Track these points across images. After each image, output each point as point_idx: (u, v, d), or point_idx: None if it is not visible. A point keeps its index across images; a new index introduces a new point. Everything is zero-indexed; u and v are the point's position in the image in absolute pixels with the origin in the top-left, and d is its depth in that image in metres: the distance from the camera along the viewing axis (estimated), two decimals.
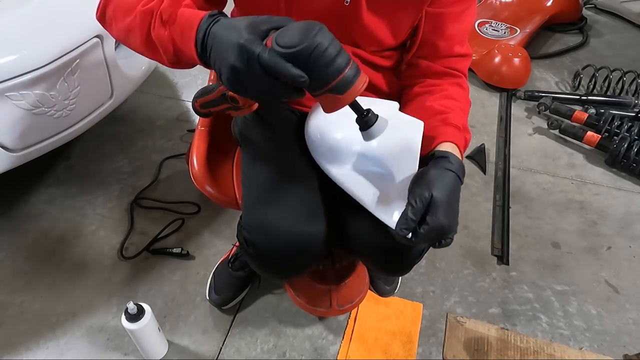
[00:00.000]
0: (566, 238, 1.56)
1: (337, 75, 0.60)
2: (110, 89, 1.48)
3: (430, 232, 0.68)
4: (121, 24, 0.75)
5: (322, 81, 0.60)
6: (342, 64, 0.60)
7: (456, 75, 0.92)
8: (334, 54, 0.58)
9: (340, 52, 0.59)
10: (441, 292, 1.39)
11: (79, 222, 1.54)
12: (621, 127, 1.87)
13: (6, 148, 1.26)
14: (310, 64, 0.58)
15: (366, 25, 0.84)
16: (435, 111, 0.84)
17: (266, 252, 0.86)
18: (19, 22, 1.23)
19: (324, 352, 1.24)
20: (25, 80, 1.18)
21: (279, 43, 0.57)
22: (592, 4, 2.98)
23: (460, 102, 0.88)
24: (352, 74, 0.61)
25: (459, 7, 0.86)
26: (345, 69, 0.60)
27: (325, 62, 0.58)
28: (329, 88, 0.61)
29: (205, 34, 0.62)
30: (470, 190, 1.72)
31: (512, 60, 2.21)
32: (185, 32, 0.65)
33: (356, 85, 0.61)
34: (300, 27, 0.58)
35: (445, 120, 0.82)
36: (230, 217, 1.56)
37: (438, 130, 0.81)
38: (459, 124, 0.83)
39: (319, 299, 1.13)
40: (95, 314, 1.30)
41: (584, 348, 1.27)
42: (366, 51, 0.90)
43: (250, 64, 0.57)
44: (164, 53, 0.70)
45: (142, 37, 0.71)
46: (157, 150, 1.81)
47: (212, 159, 1.08)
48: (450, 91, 0.89)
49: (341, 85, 0.61)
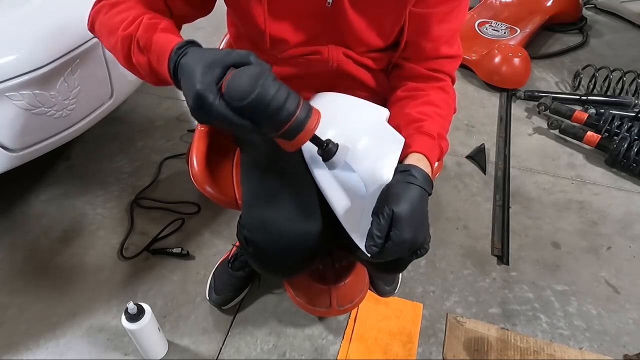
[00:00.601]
0: (566, 238, 1.56)
1: (287, 120, 0.61)
2: (110, 89, 1.48)
3: (395, 247, 0.68)
4: (106, 42, 0.78)
5: (274, 128, 0.63)
6: (291, 109, 0.61)
7: (440, 79, 0.89)
8: (282, 102, 0.60)
9: (288, 98, 0.61)
10: (441, 292, 1.39)
11: (79, 222, 1.54)
12: (621, 127, 1.87)
13: (6, 148, 1.26)
14: (258, 114, 0.61)
15: (351, 26, 0.83)
16: (412, 119, 0.83)
17: (266, 250, 0.86)
18: (19, 22, 1.23)
19: (324, 352, 1.24)
20: (25, 80, 1.18)
21: (228, 94, 0.60)
22: (592, 4, 2.97)
23: (440, 109, 0.85)
24: (303, 116, 0.62)
25: (447, 6, 0.83)
26: (294, 113, 0.61)
27: (273, 111, 0.60)
28: (281, 133, 0.63)
29: (176, 65, 0.65)
30: (470, 190, 1.72)
31: (512, 60, 2.21)
32: (159, 59, 0.68)
33: (309, 126, 0.63)
34: (248, 76, 0.60)
35: (420, 128, 0.81)
36: (230, 217, 1.56)
37: (410, 139, 0.79)
38: (434, 132, 0.81)
39: (319, 298, 1.13)
40: (95, 314, 1.30)
41: (584, 348, 1.27)
42: (356, 52, 0.88)
43: (206, 110, 0.61)
44: (146, 76, 0.73)
45: (125, 60, 0.75)
46: (157, 150, 1.81)
47: (212, 159, 1.08)
48: (431, 97, 0.86)
49: (293, 129, 0.62)
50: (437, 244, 1.51)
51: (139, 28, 0.71)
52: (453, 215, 1.62)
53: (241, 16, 0.86)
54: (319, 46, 0.87)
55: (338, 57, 0.88)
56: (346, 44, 0.87)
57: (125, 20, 0.73)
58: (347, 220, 0.78)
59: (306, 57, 0.88)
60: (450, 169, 1.80)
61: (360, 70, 0.91)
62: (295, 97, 0.62)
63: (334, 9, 0.81)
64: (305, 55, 0.88)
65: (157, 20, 0.73)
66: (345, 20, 0.82)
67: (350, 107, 0.88)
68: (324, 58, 0.87)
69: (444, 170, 1.79)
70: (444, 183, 1.73)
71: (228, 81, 0.60)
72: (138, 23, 0.72)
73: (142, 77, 0.75)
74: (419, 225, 0.70)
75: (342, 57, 0.88)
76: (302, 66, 0.89)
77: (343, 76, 0.91)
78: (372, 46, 0.88)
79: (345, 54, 0.88)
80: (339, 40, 0.86)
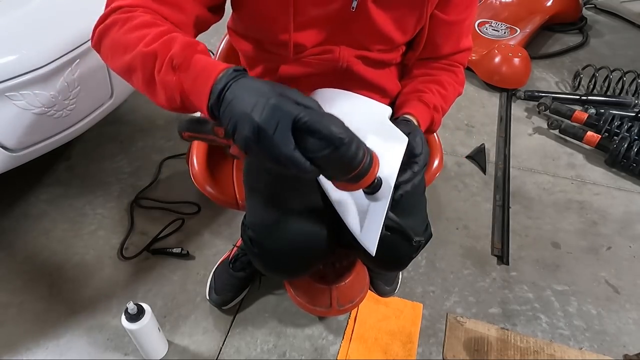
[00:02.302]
0: (566, 238, 1.56)
1: (356, 168, 0.60)
2: (110, 89, 1.47)
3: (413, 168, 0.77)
4: (119, 61, 0.68)
5: (342, 173, 0.61)
6: (360, 157, 0.59)
7: (454, 66, 0.97)
8: (355, 150, 0.57)
9: (359, 148, 0.58)
10: (441, 292, 1.39)
11: (79, 222, 1.54)
12: (621, 127, 1.87)
13: (6, 148, 1.26)
14: (332, 163, 0.58)
15: (376, 24, 0.83)
16: (415, 89, 0.91)
17: (271, 250, 0.86)
18: (19, 22, 1.23)
19: (324, 352, 1.24)
20: (25, 80, 1.18)
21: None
22: (592, 4, 2.98)
23: (444, 89, 0.92)
24: (367, 162, 0.61)
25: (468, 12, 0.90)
26: (362, 160, 0.60)
27: (348, 160, 0.58)
28: (347, 179, 0.61)
29: (225, 87, 0.57)
30: (470, 190, 1.72)
31: (512, 60, 2.21)
32: (199, 79, 0.60)
33: (371, 173, 0.62)
34: (326, 129, 0.55)
35: (419, 97, 0.89)
36: (230, 217, 1.56)
37: (407, 103, 0.89)
38: (431, 103, 0.88)
39: (319, 298, 1.12)
40: (95, 314, 1.30)
41: (584, 348, 1.27)
42: (373, 51, 0.89)
43: (267, 143, 0.53)
44: (168, 98, 0.64)
45: (144, 79, 0.66)
46: (157, 150, 1.81)
47: (212, 159, 1.08)
48: (440, 78, 0.94)
49: (359, 175, 0.61)
50: (437, 244, 1.51)
51: (173, 45, 0.63)
52: (453, 215, 1.62)
53: (261, 26, 0.85)
54: (332, 45, 0.87)
55: (349, 58, 0.88)
56: (364, 45, 0.88)
57: (146, 37, 0.65)
58: (351, 219, 0.79)
59: (317, 57, 0.88)
60: (450, 169, 1.80)
61: (370, 70, 0.92)
62: (362, 143, 0.59)
63: (358, 12, 0.81)
64: (316, 55, 0.88)
65: (194, 40, 0.66)
66: (370, 20, 0.83)
67: (354, 105, 0.88)
68: (335, 57, 0.88)
69: (444, 170, 1.79)
70: (444, 183, 1.73)
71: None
72: (169, 40, 0.64)
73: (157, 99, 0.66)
74: (426, 150, 0.80)
75: (352, 58, 0.88)
76: (312, 66, 0.89)
77: (351, 77, 0.91)
78: (395, 43, 0.89)
79: (357, 55, 0.88)
80: (352, 41, 0.87)
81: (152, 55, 0.63)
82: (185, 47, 0.63)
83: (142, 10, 0.69)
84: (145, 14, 0.68)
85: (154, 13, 0.70)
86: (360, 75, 0.91)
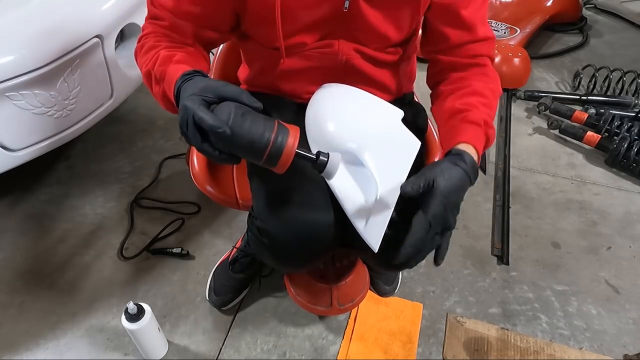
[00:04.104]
0: (566, 238, 1.56)
1: (265, 149, 0.64)
2: (110, 89, 1.47)
3: (421, 221, 0.71)
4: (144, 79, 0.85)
5: (255, 158, 0.66)
6: (265, 139, 0.64)
7: (481, 64, 0.90)
8: (254, 137, 0.64)
9: (263, 130, 0.64)
10: (441, 292, 1.39)
11: (79, 222, 1.54)
12: (621, 127, 1.87)
13: (6, 148, 1.26)
14: (238, 152, 0.66)
15: (370, 23, 0.85)
16: (455, 110, 0.84)
17: (281, 239, 0.85)
18: (19, 22, 1.23)
19: (324, 352, 1.24)
20: (25, 80, 1.18)
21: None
22: (592, 4, 2.98)
23: (485, 98, 0.86)
24: (279, 140, 0.65)
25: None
26: (269, 141, 0.64)
27: (246, 149, 0.64)
28: (264, 162, 0.66)
29: (178, 91, 0.71)
30: (470, 190, 1.68)
31: (512, 60, 2.21)
32: (170, 86, 0.73)
33: (287, 148, 0.65)
34: (228, 111, 0.64)
35: (465, 118, 0.82)
36: (230, 217, 1.57)
37: (456, 129, 0.81)
38: (480, 120, 0.81)
39: (320, 297, 1.12)
40: (95, 314, 1.30)
41: (584, 348, 1.27)
42: (370, 48, 0.90)
43: (189, 123, 0.64)
44: (164, 104, 0.80)
45: (152, 93, 0.82)
46: (157, 150, 1.81)
47: None
48: (474, 86, 0.87)
49: (272, 156, 0.65)
50: None
51: (156, 62, 0.77)
52: None
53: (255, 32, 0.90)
54: (331, 40, 0.88)
55: (348, 52, 0.89)
56: (360, 41, 0.89)
57: (148, 60, 0.80)
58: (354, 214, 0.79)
59: (317, 50, 0.89)
60: None
61: (370, 66, 0.92)
62: (270, 126, 0.65)
63: (350, 11, 0.83)
64: (316, 48, 0.89)
65: (172, 52, 0.78)
66: (363, 19, 0.84)
67: (365, 107, 0.88)
68: (334, 51, 0.89)
69: None
70: None
71: (214, 110, 0.65)
72: (156, 58, 0.78)
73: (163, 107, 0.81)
74: (450, 208, 0.72)
75: (352, 52, 0.89)
76: (313, 59, 0.90)
77: (351, 71, 0.92)
78: (390, 41, 0.89)
79: (356, 50, 0.89)
80: (352, 37, 0.88)
81: (147, 74, 0.80)
82: (163, 62, 0.76)
83: (152, 36, 0.84)
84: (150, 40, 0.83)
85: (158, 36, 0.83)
86: (360, 70, 0.92)
